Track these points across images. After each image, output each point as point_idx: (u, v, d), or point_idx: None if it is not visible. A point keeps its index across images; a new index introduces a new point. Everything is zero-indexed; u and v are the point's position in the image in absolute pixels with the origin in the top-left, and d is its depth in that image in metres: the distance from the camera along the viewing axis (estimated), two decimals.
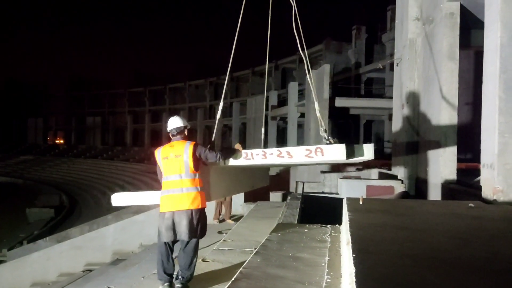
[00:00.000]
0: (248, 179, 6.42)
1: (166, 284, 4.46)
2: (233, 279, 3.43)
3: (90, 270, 10.60)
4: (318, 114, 5.67)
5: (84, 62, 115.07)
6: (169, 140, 4.86)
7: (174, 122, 4.81)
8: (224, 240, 6.53)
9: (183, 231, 4.44)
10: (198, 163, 4.59)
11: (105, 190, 37.06)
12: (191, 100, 54.23)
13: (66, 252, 11.59)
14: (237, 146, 5.06)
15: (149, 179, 35.27)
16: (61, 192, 36.79)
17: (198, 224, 4.49)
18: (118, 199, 5.26)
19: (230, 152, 4.92)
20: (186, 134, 4.81)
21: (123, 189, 35.52)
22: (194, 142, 4.64)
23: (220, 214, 9.88)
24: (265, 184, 7.04)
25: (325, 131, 5.36)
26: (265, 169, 7.21)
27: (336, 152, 4.80)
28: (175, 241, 4.57)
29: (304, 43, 5.75)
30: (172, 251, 4.59)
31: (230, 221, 9.66)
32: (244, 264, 3.84)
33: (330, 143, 5.10)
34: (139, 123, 58.31)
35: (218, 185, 5.21)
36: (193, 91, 54.88)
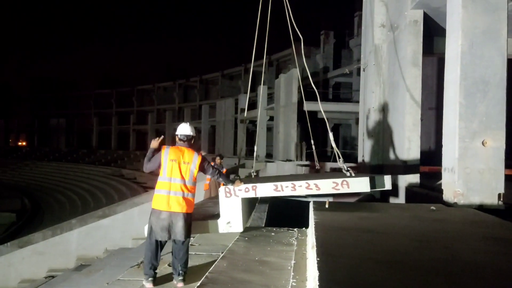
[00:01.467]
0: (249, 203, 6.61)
1: (150, 279, 4.75)
2: (198, 284, 3.40)
3: (53, 276, 10.33)
4: (333, 144, 5.97)
5: (48, 62, 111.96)
6: (174, 143, 5.12)
7: (186, 129, 5.06)
8: (191, 244, 6.48)
9: (178, 232, 4.71)
10: (199, 173, 4.97)
11: (70, 194, 36.20)
12: (159, 102, 53.67)
13: (28, 258, 11.25)
14: (237, 183, 5.23)
15: (117, 182, 34.68)
16: (23, 196, 35.61)
17: (189, 226, 4.83)
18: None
19: (226, 178, 5.26)
20: (192, 143, 5.08)
21: (88, 192, 34.78)
22: (201, 155, 5.02)
23: None
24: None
25: (344, 162, 5.64)
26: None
27: (361, 185, 5.14)
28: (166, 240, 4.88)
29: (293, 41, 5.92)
30: (162, 249, 4.90)
31: None
32: (210, 268, 3.81)
33: (351, 174, 5.42)
34: (106, 125, 57.22)
35: (244, 215, 5.45)
36: (162, 93, 54.37)
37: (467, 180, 5.18)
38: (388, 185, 5.42)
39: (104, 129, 57.36)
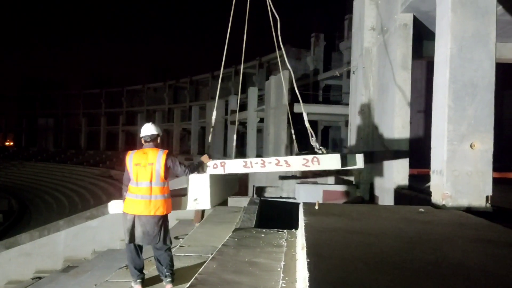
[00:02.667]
0: (227, 188, 6.56)
1: (138, 280, 4.75)
2: (188, 285, 3.39)
3: (40, 278, 10.22)
4: (307, 124, 5.88)
5: (37, 61, 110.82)
6: (141, 145, 4.98)
7: (148, 129, 4.94)
8: (180, 246, 6.45)
9: (146, 236, 4.67)
10: (169, 172, 4.81)
11: (57, 194, 35.87)
12: (149, 103, 53.41)
13: (14, 259, 11.11)
14: (204, 158, 5.15)
15: (105, 183, 34.44)
16: (10, 196, 35.23)
17: (161, 228, 4.72)
18: (115, 207, 5.18)
19: (197, 167, 5.12)
20: (158, 141, 4.93)
21: (76, 193, 34.48)
22: (167, 152, 4.81)
23: (202, 218, 9.70)
24: (235, 191, 7.20)
25: (316, 140, 5.59)
26: (235, 178, 7.39)
27: (332, 162, 5.11)
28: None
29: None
30: (141, 248, 4.86)
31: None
32: (200, 270, 3.80)
33: (322, 152, 5.32)
34: (95, 125, 56.78)
35: (214, 193, 5.35)
36: (152, 94, 54.11)
37: (455, 183, 5.22)
38: (360, 164, 5.40)
39: (93, 130, 56.91)
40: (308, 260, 2.66)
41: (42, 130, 60.18)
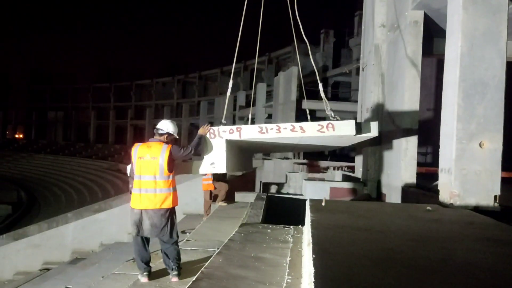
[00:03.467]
0: (245, 161, 6.52)
1: (145, 273, 4.78)
2: (194, 279, 3.41)
3: (48, 269, 10.33)
4: (322, 94, 5.90)
5: (47, 54, 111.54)
6: (149, 138, 5.02)
7: (162, 124, 4.97)
8: (187, 240, 6.49)
9: (153, 229, 4.71)
10: (173, 165, 4.78)
11: (66, 187, 36.15)
12: (157, 97, 53.54)
13: (23, 250, 11.24)
14: (201, 130, 5.13)
15: (113, 177, 34.64)
16: (19, 188, 35.56)
17: (168, 221, 4.75)
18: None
19: (198, 141, 5.05)
20: (166, 140, 4.90)
21: (84, 186, 34.74)
22: (170, 145, 4.78)
23: (208, 214, 9.76)
24: (251, 170, 7.21)
25: (331, 109, 5.58)
26: (251, 156, 7.40)
27: (346, 127, 5.07)
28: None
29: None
30: (148, 241, 4.89)
31: (222, 203, 9.80)
32: (206, 264, 3.82)
33: (337, 119, 5.33)
34: (104, 119, 57.06)
35: (230, 159, 5.31)
36: (160, 89, 54.22)
37: (463, 181, 5.20)
38: (374, 131, 5.36)
39: (101, 123, 57.22)
40: (314, 256, 2.66)
41: (51, 123, 60.64)
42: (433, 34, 8.34)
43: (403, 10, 7.99)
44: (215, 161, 5.15)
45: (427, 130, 13.08)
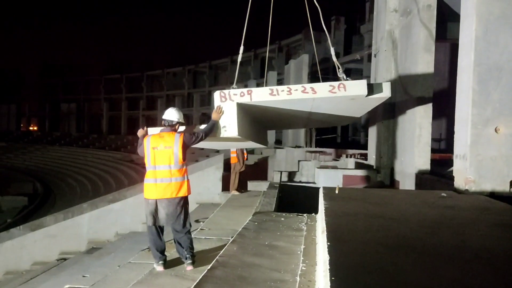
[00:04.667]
0: (258, 133, 6.46)
1: (161, 262, 4.83)
2: (209, 267, 3.44)
3: (65, 259, 10.47)
4: (334, 58, 5.85)
5: (58, 47, 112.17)
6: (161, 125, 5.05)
7: (169, 114, 4.98)
8: (201, 229, 6.54)
9: (169, 218, 4.76)
10: (186, 153, 4.84)
11: (80, 178, 36.55)
12: (168, 87, 53.67)
13: (40, 241, 11.41)
14: (214, 114, 5.10)
15: (126, 167, 34.92)
16: (34, 179, 36.09)
17: (182, 210, 4.81)
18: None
19: (211, 128, 5.04)
20: (176, 128, 4.95)
21: (98, 177, 35.09)
22: (183, 134, 4.82)
23: (235, 186, 10.31)
24: (265, 145, 7.13)
25: (343, 72, 5.49)
26: (265, 131, 7.37)
27: (358, 87, 5.01)
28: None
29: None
30: (162, 230, 4.97)
31: (235, 192, 10.22)
32: (221, 252, 3.85)
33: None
34: (116, 110, 57.44)
35: (241, 124, 5.25)
36: (171, 79, 54.33)
37: (479, 167, 5.14)
38: (386, 92, 5.24)
39: (114, 114, 57.64)
40: (328, 243, 2.67)
41: (64, 115, 61.26)
42: (447, 18, 8.21)
43: None
44: (227, 124, 5.12)
45: (440, 116, 12.94)
